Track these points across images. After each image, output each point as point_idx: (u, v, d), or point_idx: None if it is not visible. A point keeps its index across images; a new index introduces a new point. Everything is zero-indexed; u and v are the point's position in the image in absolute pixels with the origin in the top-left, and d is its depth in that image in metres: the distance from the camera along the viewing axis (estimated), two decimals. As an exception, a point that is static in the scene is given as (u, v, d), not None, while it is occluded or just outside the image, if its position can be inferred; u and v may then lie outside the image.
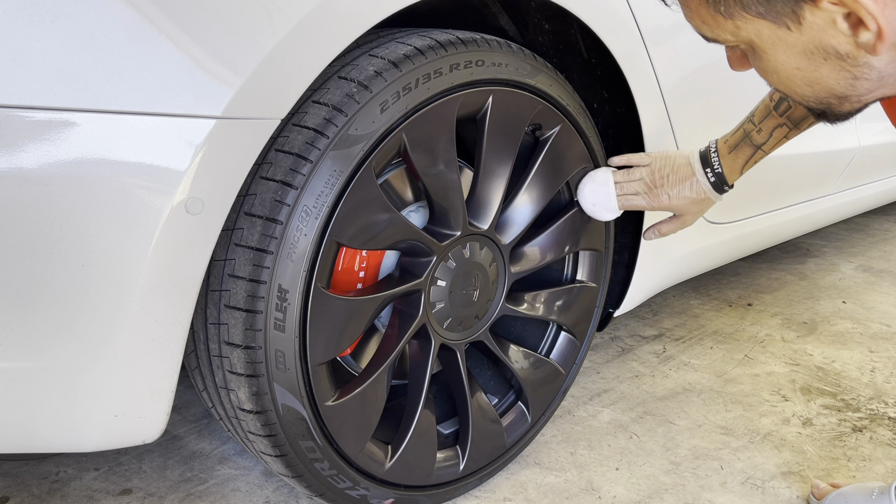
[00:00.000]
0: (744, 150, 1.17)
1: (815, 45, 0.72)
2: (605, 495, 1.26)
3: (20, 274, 0.75)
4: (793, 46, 0.73)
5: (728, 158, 1.17)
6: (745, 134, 1.17)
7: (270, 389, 0.93)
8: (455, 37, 1.01)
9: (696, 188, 1.17)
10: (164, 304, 0.82)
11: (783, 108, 1.14)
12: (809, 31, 0.71)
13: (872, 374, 1.73)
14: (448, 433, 1.22)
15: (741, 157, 1.17)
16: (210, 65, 0.77)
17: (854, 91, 0.76)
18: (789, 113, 1.14)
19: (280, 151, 0.89)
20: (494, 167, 1.10)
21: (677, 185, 1.18)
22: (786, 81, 0.78)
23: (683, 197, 1.18)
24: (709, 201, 1.19)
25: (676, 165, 1.19)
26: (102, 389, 0.83)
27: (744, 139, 1.17)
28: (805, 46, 0.73)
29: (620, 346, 1.84)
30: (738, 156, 1.17)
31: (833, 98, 0.78)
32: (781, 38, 0.73)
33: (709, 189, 1.18)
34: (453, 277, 1.10)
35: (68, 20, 0.72)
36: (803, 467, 1.36)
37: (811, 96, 0.78)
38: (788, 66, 0.75)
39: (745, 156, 1.17)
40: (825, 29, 0.70)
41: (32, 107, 0.71)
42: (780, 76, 0.78)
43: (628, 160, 1.22)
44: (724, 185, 1.18)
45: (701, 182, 1.17)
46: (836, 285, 2.32)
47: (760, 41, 0.75)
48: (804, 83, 0.77)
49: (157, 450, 1.32)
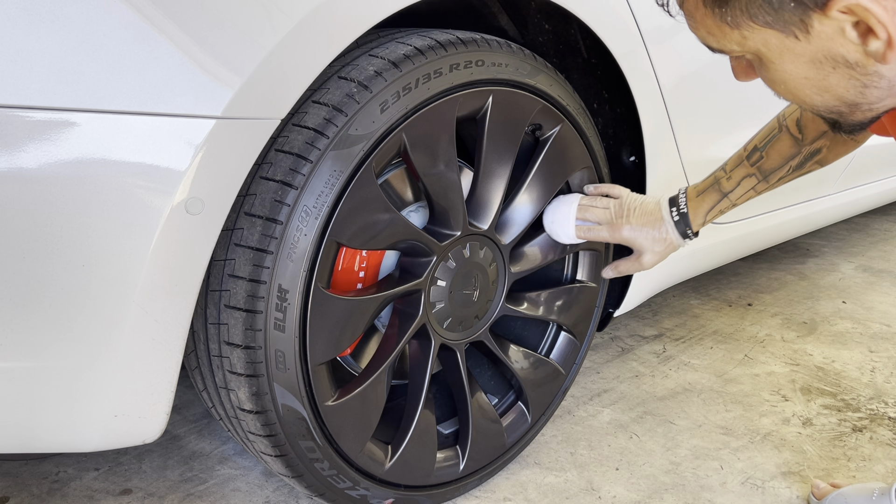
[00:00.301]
0: (710, 195, 1.16)
1: (824, 54, 0.71)
2: (605, 495, 1.26)
3: (20, 274, 0.75)
4: (801, 56, 0.72)
5: (694, 202, 1.16)
6: (714, 180, 1.17)
7: (270, 389, 0.93)
8: (455, 37, 1.01)
9: (658, 226, 1.16)
10: (164, 304, 0.82)
11: (755, 157, 1.14)
12: (818, 40, 0.70)
13: (872, 374, 1.73)
14: (448, 433, 1.22)
15: (707, 203, 1.16)
16: (210, 65, 0.77)
17: (864, 99, 0.75)
18: (760, 164, 1.14)
19: (280, 151, 0.89)
20: (494, 167, 1.10)
21: (641, 220, 1.17)
22: (794, 91, 0.77)
23: (646, 233, 1.16)
24: (671, 244, 1.17)
25: (645, 203, 1.18)
26: (102, 389, 0.83)
27: (713, 185, 1.16)
28: (813, 55, 0.72)
29: (620, 346, 1.84)
30: (704, 200, 1.16)
31: (843, 106, 0.77)
32: (789, 48, 0.72)
33: (672, 229, 1.16)
34: (453, 277, 1.10)
35: (68, 20, 0.72)
36: (803, 467, 1.36)
37: (820, 105, 0.78)
38: (796, 76, 0.75)
39: (711, 201, 1.16)
40: (834, 38, 0.69)
41: (32, 107, 0.71)
42: (787, 86, 0.77)
43: (598, 189, 1.21)
44: (688, 228, 1.16)
45: (665, 221, 1.16)
46: (836, 285, 2.32)
47: (768, 51, 0.74)
48: (813, 92, 0.76)
49: (157, 450, 1.32)
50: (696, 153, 1.43)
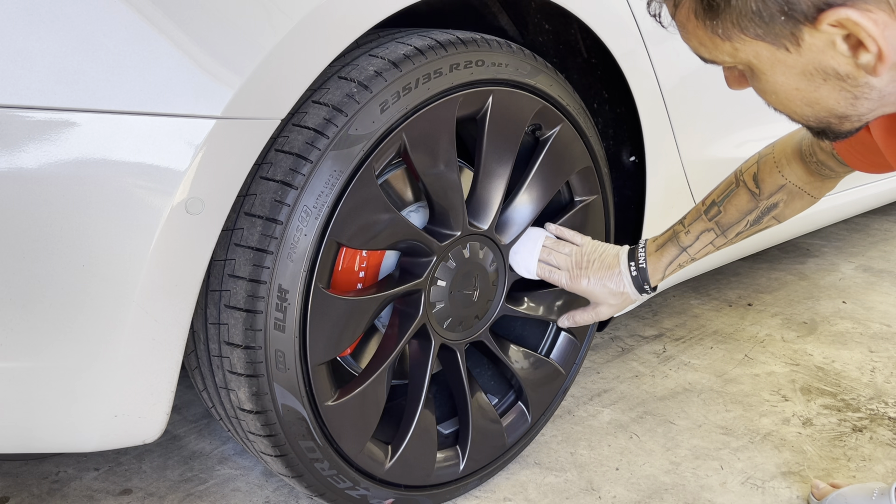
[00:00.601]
0: (669, 249, 1.16)
1: (815, 67, 0.72)
2: (605, 495, 1.26)
3: (20, 274, 0.75)
4: (792, 67, 0.73)
5: (653, 257, 1.16)
6: (673, 234, 1.16)
7: (270, 389, 0.93)
8: (455, 37, 1.01)
9: (616, 280, 1.16)
10: (164, 304, 0.82)
11: (713, 212, 1.14)
12: (808, 52, 0.70)
13: (872, 374, 1.73)
14: (448, 433, 1.22)
15: (666, 257, 1.16)
16: (210, 65, 0.77)
17: (854, 111, 0.75)
18: (718, 218, 1.14)
19: (280, 151, 0.89)
20: (494, 167, 1.10)
21: (599, 272, 1.16)
22: (785, 102, 0.78)
23: (603, 286, 1.16)
24: (627, 297, 1.17)
25: (605, 254, 1.18)
26: (102, 389, 0.83)
27: (671, 239, 1.16)
28: (804, 67, 0.72)
29: (620, 346, 1.84)
30: (662, 255, 1.16)
31: (833, 118, 0.77)
32: (780, 60, 0.72)
33: (629, 283, 1.16)
34: (453, 277, 1.10)
35: (68, 20, 0.72)
36: (803, 467, 1.36)
37: (811, 116, 0.78)
38: (787, 87, 0.75)
39: (670, 256, 1.16)
40: (824, 50, 0.70)
41: (32, 107, 0.71)
42: (778, 96, 0.77)
43: (560, 232, 1.20)
44: (646, 283, 1.16)
45: (623, 275, 1.16)
46: (836, 285, 2.32)
47: (759, 62, 0.74)
48: (803, 103, 0.76)
49: (157, 450, 1.32)
50: (696, 153, 1.43)
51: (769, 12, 0.68)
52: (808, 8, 0.67)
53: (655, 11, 0.79)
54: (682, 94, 1.34)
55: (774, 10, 0.68)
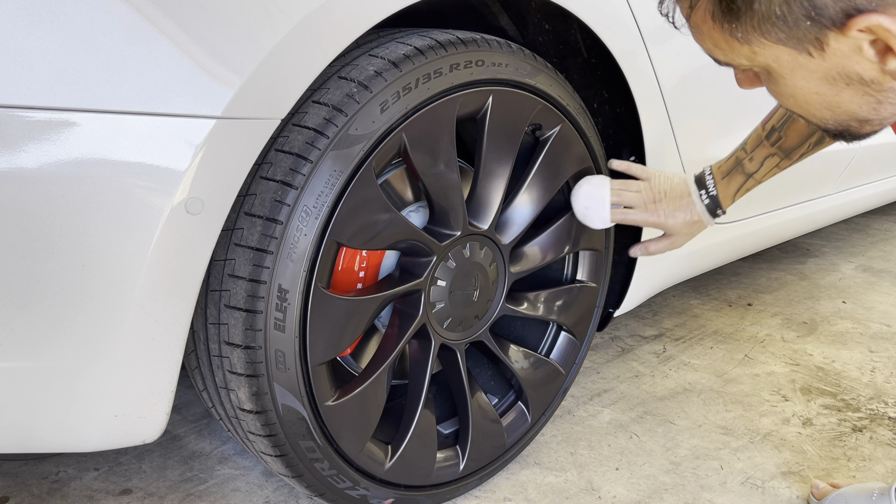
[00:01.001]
0: (736, 177, 1.17)
1: (838, 71, 0.69)
2: (605, 495, 1.26)
3: (20, 274, 0.75)
4: (813, 72, 0.70)
5: (721, 184, 1.17)
6: (737, 161, 1.17)
7: (270, 389, 0.93)
8: (455, 37, 1.01)
9: (690, 209, 1.17)
10: (164, 304, 0.82)
11: (774, 137, 1.14)
12: (833, 57, 0.68)
13: (872, 374, 1.73)
14: (448, 433, 1.22)
15: (733, 185, 1.17)
16: (210, 65, 0.77)
17: (877, 115, 0.74)
18: (780, 143, 1.14)
19: (280, 151, 0.89)
20: (494, 167, 1.10)
21: (673, 203, 1.17)
22: (803, 105, 0.75)
23: (678, 217, 1.18)
24: (701, 224, 1.19)
25: (673, 185, 1.19)
26: (102, 389, 0.83)
27: (735, 166, 1.17)
28: (827, 72, 0.70)
29: (620, 346, 1.84)
30: (730, 182, 1.17)
31: (854, 122, 0.75)
32: (801, 65, 0.70)
33: (703, 211, 1.17)
34: (453, 277, 1.10)
35: (68, 20, 0.72)
36: (803, 467, 1.36)
37: (830, 119, 0.76)
38: (807, 91, 0.73)
39: (737, 183, 1.17)
40: (850, 55, 0.68)
41: (32, 107, 0.71)
42: (797, 100, 0.75)
43: (629, 168, 1.22)
44: (718, 208, 1.18)
45: (696, 203, 1.17)
46: (836, 285, 2.32)
47: (778, 66, 0.72)
48: (823, 107, 0.74)
49: (157, 450, 1.32)
50: (696, 153, 1.43)
51: (794, 17, 0.66)
52: (837, 13, 0.65)
53: (667, 11, 0.76)
54: (682, 93, 1.34)
55: (800, 15, 0.66)
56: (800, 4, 0.65)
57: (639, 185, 1.19)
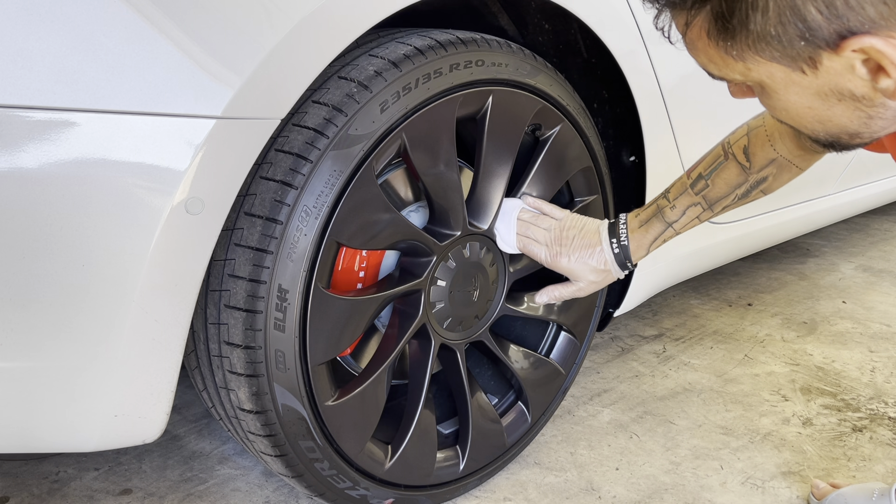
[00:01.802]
0: (654, 225, 1.13)
1: (830, 88, 0.71)
2: (605, 495, 1.26)
3: (20, 274, 0.75)
4: (806, 88, 0.72)
5: (637, 233, 1.14)
6: (658, 209, 1.14)
7: (270, 389, 0.93)
8: (455, 37, 1.01)
9: (598, 257, 1.13)
10: (164, 303, 0.82)
11: (700, 186, 1.11)
12: (826, 75, 0.69)
13: (872, 374, 1.73)
14: (448, 433, 1.22)
15: (651, 233, 1.13)
16: (210, 65, 0.77)
17: (867, 129, 0.75)
18: (706, 192, 1.11)
19: (280, 151, 0.89)
20: (494, 167, 1.10)
21: (580, 250, 1.14)
22: (795, 118, 0.77)
23: (583, 263, 1.14)
24: (609, 274, 1.15)
25: (585, 230, 1.15)
26: (102, 389, 0.83)
27: (656, 214, 1.14)
28: (819, 88, 0.71)
29: (620, 346, 1.84)
30: (647, 231, 1.13)
31: (844, 134, 0.77)
32: (795, 81, 0.71)
33: (611, 261, 1.14)
34: (453, 277, 1.10)
35: (68, 20, 0.72)
36: (803, 467, 1.36)
37: (821, 132, 0.77)
38: (800, 106, 0.74)
39: (655, 232, 1.13)
40: (843, 74, 0.69)
41: (32, 107, 0.71)
42: (789, 113, 0.76)
43: (538, 205, 1.17)
44: (628, 260, 1.14)
45: (605, 252, 1.13)
46: (836, 285, 2.32)
47: (772, 82, 0.73)
48: (815, 121, 0.76)
49: (157, 450, 1.32)
50: (696, 153, 1.43)
51: (788, 37, 0.67)
52: (830, 35, 0.66)
53: (663, 25, 0.77)
54: (682, 93, 1.34)
55: (794, 35, 0.67)
56: (794, 25, 0.66)
57: (549, 224, 1.15)
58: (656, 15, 0.76)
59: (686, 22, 0.73)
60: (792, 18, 0.66)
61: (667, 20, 0.76)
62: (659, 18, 0.76)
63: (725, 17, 0.69)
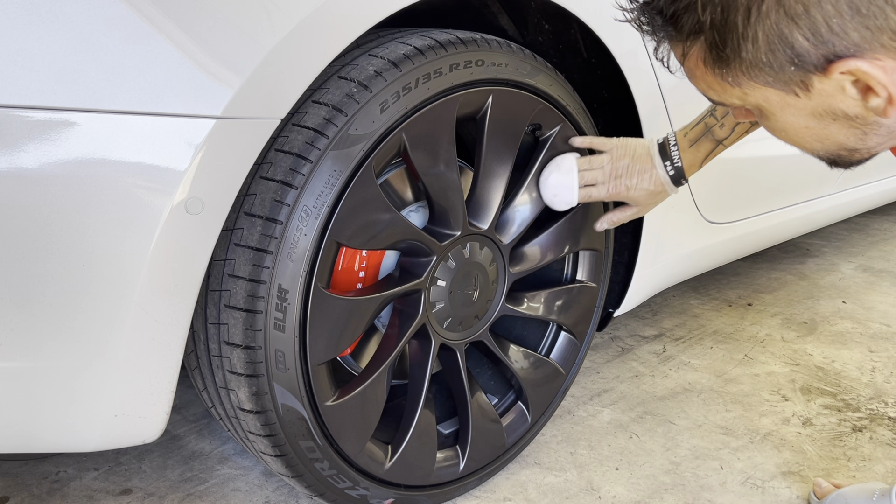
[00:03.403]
0: (705, 144, 1.16)
1: (824, 109, 0.74)
2: (605, 495, 1.26)
3: (20, 274, 0.75)
4: (801, 110, 0.75)
5: (688, 152, 1.16)
6: (706, 128, 1.16)
7: (270, 389, 0.93)
8: (455, 37, 1.01)
9: (654, 180, 1.16)
10: (164, 304, 0.82)
11: None
12: (818, 97, 0.73)
13: (872, 374, 1.73)
14: (448, 433, 1.22)
15: (702, 151, 1.16)
16: (210, 65, 0.77)
17: (864, 145, 0.78)
18: None
19: (280, 151, 0.89)
20: (494, 167, 1.10)
21: (636, 176, 1.16)
22: (794, 138, 0.80)
23: (641, 189, 1.17)
24: (665, 193, 1.18)
25: (636, 155, 1.17)
26: (102, 389, 0.83)
27: (705, 133, 1.16)
28: (814, 109, 0.75)
29: (620, 346, 1.84)
30: (698, 150, 1.16)
31: (843, 151, 0.80)
32: (790, 104, 0.75)
33: (667, 182, 1.16)
34: (453, 277, 1.10)
35: (68, 20, 0.72)
36: (803, 467, 1.36)
37: (821, 150, 0.81)
38: (797, 126, 0.78)
39: (706, 150, 1.16)
40: (834, 95, 0.72)
41: (32, 107, 0.71)
42: (788, 134, 0.80)
43: (591, 143, 1.20)
44: (682, 178, 1.17)
45: (660, 174, 1.16)
46: (836, 285, 2.32)
47: (768, 105, 0.77)
48: (814, 140, 0.79)
49: (157, 450, 1.32)
50: (696, 153, 1.43)
51: (779, 63, 0.71)
52: (818, 59, 0.70)
53: (663, 56, 0.81)
54: (682, 94, 1.34)
55: (784, 61, 0.71)
56: (783, 52, 0.70)
57: (601, 161, 1.17)
58: (656, 46, 0.80)
59: (683, 52, 0.77)
60: (780, 46, 0.70)
61: (666, 51, 0.80)
62: (658, 49, 0.80)
63: (719, 47, 0.73)
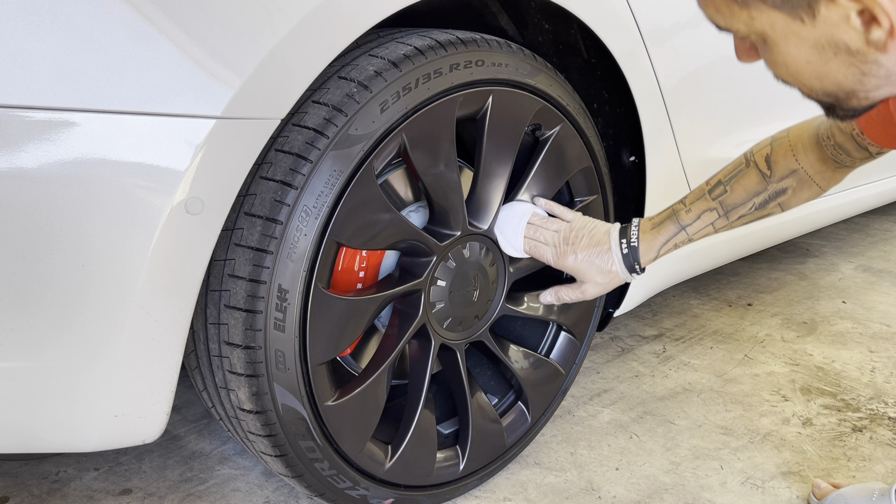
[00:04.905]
0: (667, 227, 1.13)
1: (827, 40, 0.74)
2: (605, 495, 1.26)
3: (20, 274, 0.75)
4: (805, 39, 0.75)
5: (648, 234, 1.13)
6: (672, 212, 1.13)
7: (270, 389, 0.93)
8: (455, 37, 1.01)
9: (605, 258, 1.12)
10: (164, 304, 0.82)
11: (718, 191, 1.11)
12: (823, 25, 0.73)
13: (872, 374, 1.73)
14: (448, 433, 1.22)
15: (662, 236, 1.13)
16: (210, 65, 0.77)
17: (861, 87, 0.78)
18: (723, 198, 1.11)
19: (280, 151, 0.89)
20: (494, 167, 1.10)
21: (588, 249, 1.13)
22: (795, 74, 0.80)
23: (590, 262, 1.13)
24: (615, 277, 1.14)
25: (595, 231, 1.14)
26: (102, 389, 0.83)
27: (670, 217, 1.13)
28: (817, 40, 0.75)
29: (620, 346, 1.84)
30: (659, 233, 1.13)
31: (840, 92, 0.80)
32: (794, 31, 0.75)
33: (619, 262, 1.12)
34: (453, 277, 1.10)
35: (68, 20, 0.72)
36: (803, 467, 1.36)
37: (819, 89, 0.81)
38: (799, 59, 0.78)
39: (668, 234, 1.13)
40: (838, 24, 0.72)
41: (32, 107, 0.71)
42: (789, 68, 0.80)
43: (549, 207, 1.18)
44: (636, 262, 1.13)
45: (613, 253, 1.12)
46: (836, 285, 2.32)
47: (773, 33, 0.77)
48: (813, 76, 0.79)
49: (157, 450, 1.32)
50: (696, 153, 1.43)
51: None
52: None
53: None
54: (682, 93, 1.34)
55: None
56: None
57: (559, 226, 1.15)
58: None
59: None
60: None
61: None
62: None
63: None
